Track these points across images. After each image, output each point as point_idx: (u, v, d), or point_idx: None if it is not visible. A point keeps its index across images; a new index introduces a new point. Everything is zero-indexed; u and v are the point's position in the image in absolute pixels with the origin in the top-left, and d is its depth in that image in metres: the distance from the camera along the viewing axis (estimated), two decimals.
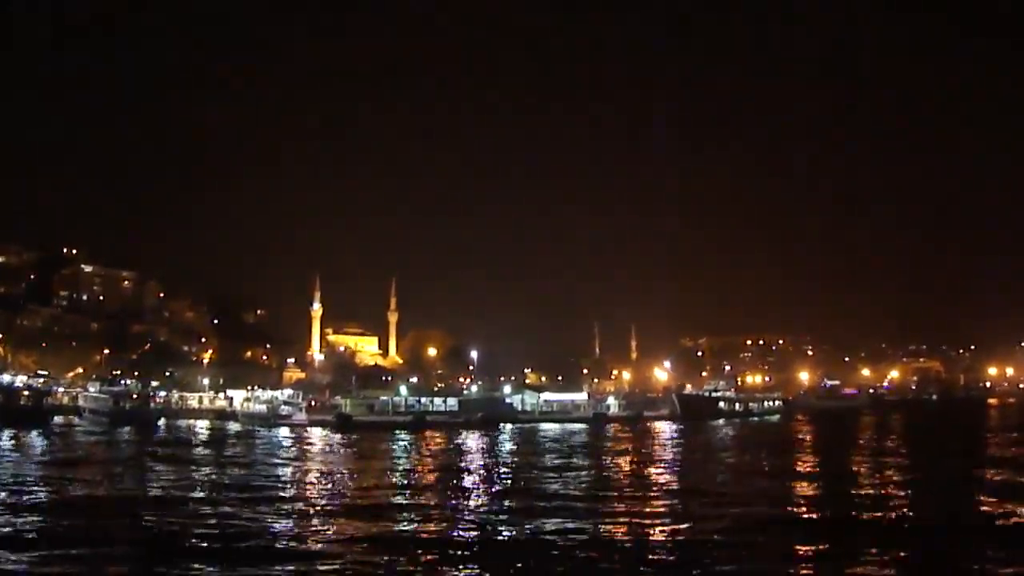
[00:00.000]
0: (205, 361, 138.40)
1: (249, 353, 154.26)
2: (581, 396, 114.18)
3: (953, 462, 46.13)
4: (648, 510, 27.90)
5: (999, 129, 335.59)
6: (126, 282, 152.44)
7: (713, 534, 22.98)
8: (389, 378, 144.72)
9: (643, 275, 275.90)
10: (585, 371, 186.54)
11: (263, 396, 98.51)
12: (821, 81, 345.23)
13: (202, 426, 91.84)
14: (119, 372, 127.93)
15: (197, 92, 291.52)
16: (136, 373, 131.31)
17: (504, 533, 24.19)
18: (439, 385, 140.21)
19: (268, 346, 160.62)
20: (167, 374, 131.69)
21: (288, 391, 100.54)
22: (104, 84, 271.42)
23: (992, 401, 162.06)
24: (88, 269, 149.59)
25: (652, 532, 23.89)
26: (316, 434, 77.84)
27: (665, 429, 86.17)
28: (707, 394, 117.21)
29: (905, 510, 28.52)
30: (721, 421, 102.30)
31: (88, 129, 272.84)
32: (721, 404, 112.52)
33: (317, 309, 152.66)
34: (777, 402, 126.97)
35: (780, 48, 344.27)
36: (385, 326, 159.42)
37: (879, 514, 27.06)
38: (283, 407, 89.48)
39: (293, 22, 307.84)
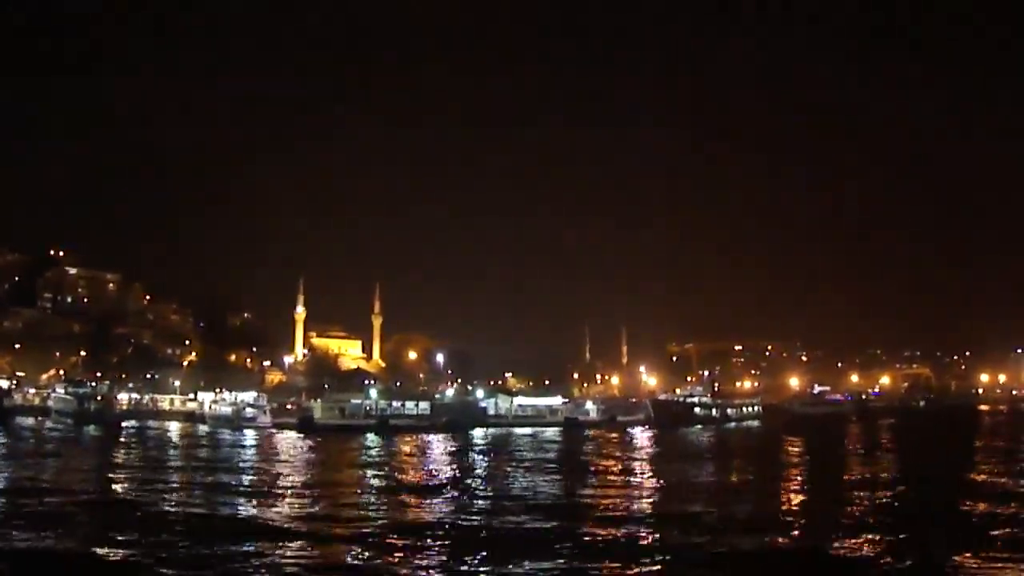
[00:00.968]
0: (186, 364, 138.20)
1: (234, 356, 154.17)
2: (555, 401, 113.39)
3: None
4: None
5: (994, 135, 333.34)
6: (111, 284, 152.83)
7: None
8: (371, 381, 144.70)
9: (636, 280, 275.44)
10: (576, 375, 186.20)
11: (228, 399, 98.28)
12: (815, 83, 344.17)
13: (173, 428, 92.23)
14: (100, 374, 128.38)
15: (183, 96, 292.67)
16: (119, 375, 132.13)
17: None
18: (425, 388, 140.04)
19: (254, 349, 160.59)
20: (147, 376, 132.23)
21: (253, 394, 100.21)
22: (91, 85, 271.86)
23: (983, 408, 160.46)
24: (73, 271, 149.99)
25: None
26: (279, 437, 78.01)
27: (638, 435, 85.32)
28: (682, 400, 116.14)
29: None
30: (697, 427, 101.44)
31: (74, 130, 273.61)
32: (696, 410, 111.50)
33: (301, 312, 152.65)
34: (756, 408, 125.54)
35: (770, 50, 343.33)
36: (370, 330, 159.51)
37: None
38: (247, 410, 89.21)
39: (280, 28, 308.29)
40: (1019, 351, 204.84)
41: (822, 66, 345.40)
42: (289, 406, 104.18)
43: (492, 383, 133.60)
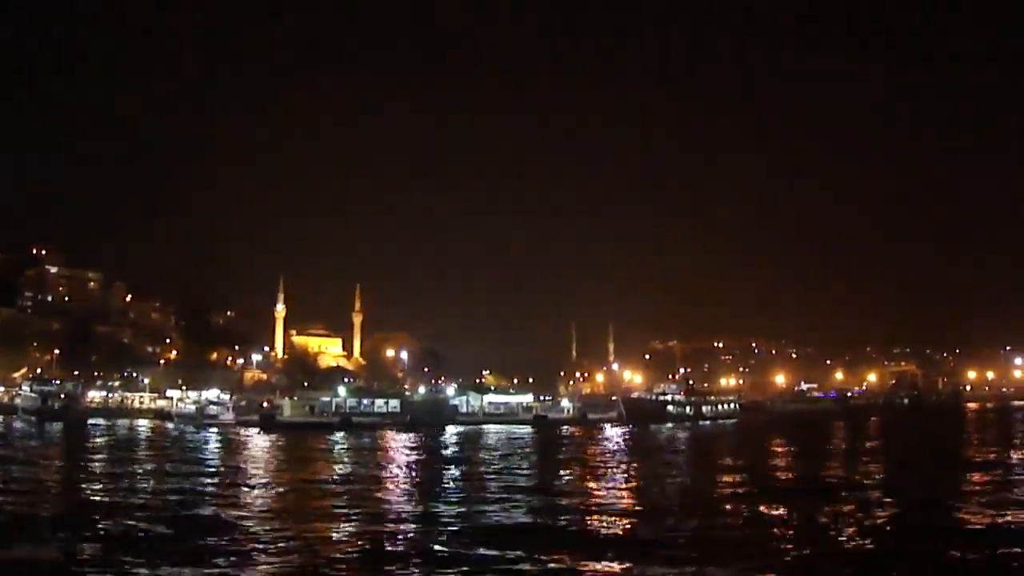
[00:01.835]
0: (162, 362, 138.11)
1: (216, 355, 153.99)
2: (526, 398, 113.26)
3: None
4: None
5: (987, 134, 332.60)
6: (92, 283, 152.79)
7: None
8: (351, 380, 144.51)
9: (624, 279, 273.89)
10: (562, 373, 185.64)
11: (193, 397, 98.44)
12: (805, 83, 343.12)
13: (141, 426, 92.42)
14: (77, 372, 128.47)
15: (164, 94, 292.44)
16: (96, 373, 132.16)
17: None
18: (405, 387, 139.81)
19: (237, 347, 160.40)
20: (124, 374, 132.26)
21: (216, 392, 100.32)
22: (74, 85, 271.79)
23: (971, 405, 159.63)
24: (54, 270, 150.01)
25: None
26: (237, 434, 78.17)
27: (606, 433, 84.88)
28: (654, 398, 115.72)
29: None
30: (669, 425, 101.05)
31: (57, 129, 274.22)
32: (670, 408, 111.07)
33: (281, 310, 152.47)
34: (733, 406, 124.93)
35: (760, 50, 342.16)
36: (350, 328, 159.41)
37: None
38: (210, 407, 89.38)
39: (267, 29, 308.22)
40: (1008, 349, 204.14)
41: (809, 64, 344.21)
42: (264, 404, 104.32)
43: (474, 381, 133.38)
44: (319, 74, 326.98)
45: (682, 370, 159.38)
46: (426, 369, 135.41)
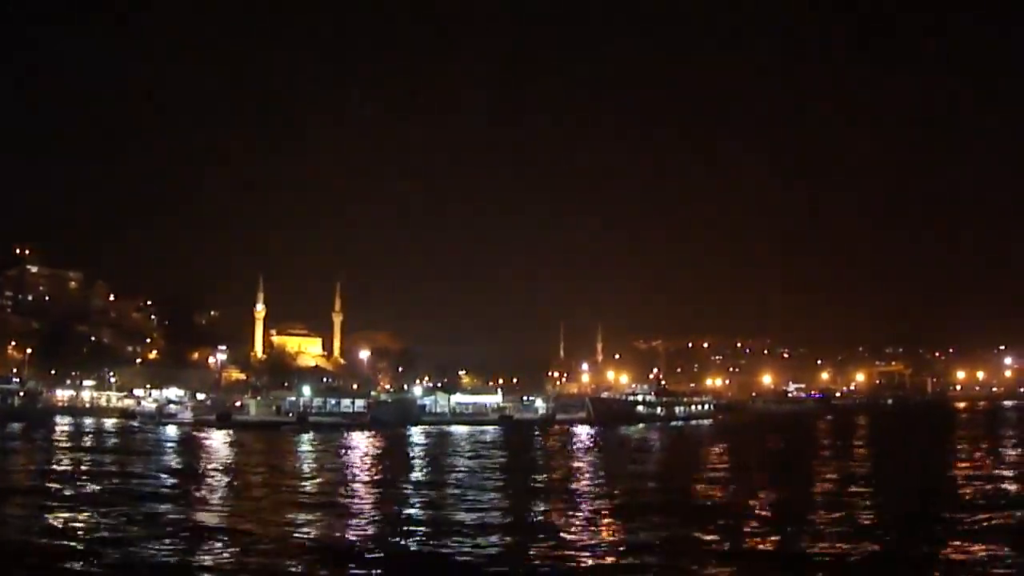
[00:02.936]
0: (139, 361, 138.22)
1: (197, 354, 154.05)
2: (495, 398, 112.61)
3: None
4: None
5: (979, 135, 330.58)
6: (73, 283, 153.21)
7: None
8: (329, 379, 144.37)
9: (614, 279, 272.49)
10: (549, 373, 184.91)
11: (153, 395, 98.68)
12: (795, 82, 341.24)
13: (107, 424, 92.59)
14: (53, 372, 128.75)
15: (147, 95, 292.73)
16: (71, 372, 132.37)
17: None
18: (388, 387, 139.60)
19: (220, 347, 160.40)
20: (100, 374, 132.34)
21: (175, 390, 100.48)
22: (56, 84, 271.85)
23: (960, 405, 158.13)
24: (34, 270, 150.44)
25: None
26: (195, 432, 78.10)
27: (580, 433, 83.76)
28: (623, 398, 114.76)
29: None
30: (639, 426, 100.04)
31: (39, 129, 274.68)
32: (639, 408, 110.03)
33: (261, 310, 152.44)
34: (708, 406, 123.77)
35: (744, 49, 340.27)
36: (331, 327, 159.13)
37: None
38: (169, 406, 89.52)
39: (251, 28, 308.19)
40: (1002, 348, 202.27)
41: (796, 65, 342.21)
42: (237, 404, 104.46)
43: (445, 381, 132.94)
44: (299, 73, 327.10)
45: (656, 370, 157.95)
46: (400, 369, 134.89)
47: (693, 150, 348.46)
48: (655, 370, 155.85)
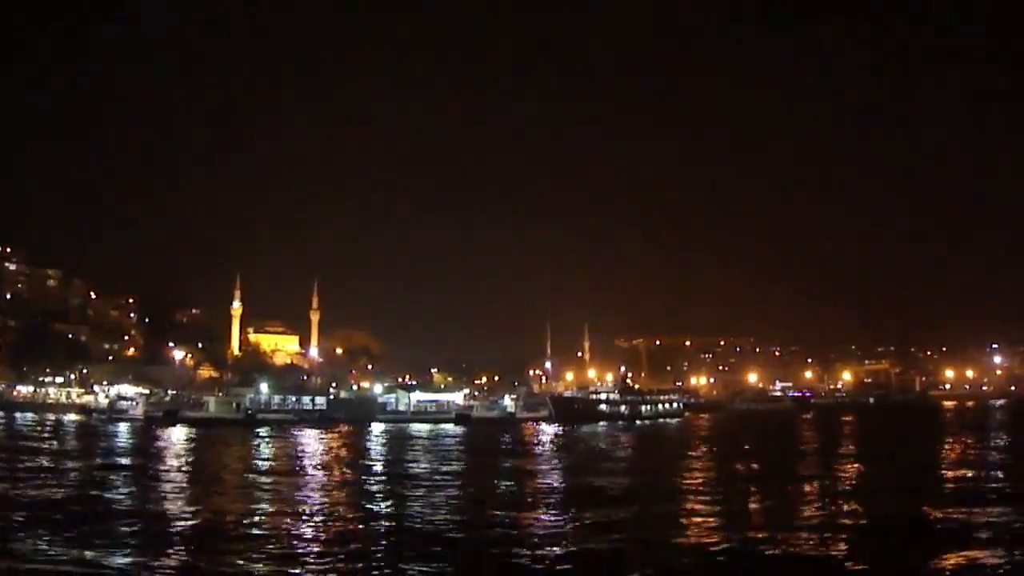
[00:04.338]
0: (111, 358, 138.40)
1: (175, 352, 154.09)
2: (455, 397, 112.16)
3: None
4: None
5: (970, 136, 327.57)
6: (52, 281, 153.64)
7: None
8: (305, 377, 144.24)
9: (602, 278, 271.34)
10: (534, 372, 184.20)
11: (106, 391, 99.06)
12: (775, 84, 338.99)
13: (67, 420, 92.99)
14: (26, 368, 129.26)
15: (124, 96, 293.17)
16: (44, 370, 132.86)
17: None
18: (356, 385, 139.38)
19: (200, 345, 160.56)
20: (73, 371, 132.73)
21: (126, 387, 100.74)
22: (35, 83, 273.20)
23: (948, 404, 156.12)
24: (12, 267, 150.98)
25: None
26: (141, 428, 78.21)
27: (545, 431, 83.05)
28: (585, 396, 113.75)
29: None
30: (602, 424, 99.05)
31: (18, 127, 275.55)
32: (602, 407, 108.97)
33: (237, 308, 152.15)
34: (676, 404, 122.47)
35: (727, 51, 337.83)
36: (308, 325, 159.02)
37: None
38: (119, 402, 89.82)
39: (228, 25, 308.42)
40: (995, 347, 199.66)
41: (781, 66, 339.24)
42: (204, 400, 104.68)
43: (406, 378, 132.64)
44: (279, 74, 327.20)
45: (623, 368, 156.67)
46: (371, 367, 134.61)
47: (681, 150, 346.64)
48: (622, 368, 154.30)
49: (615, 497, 30.48)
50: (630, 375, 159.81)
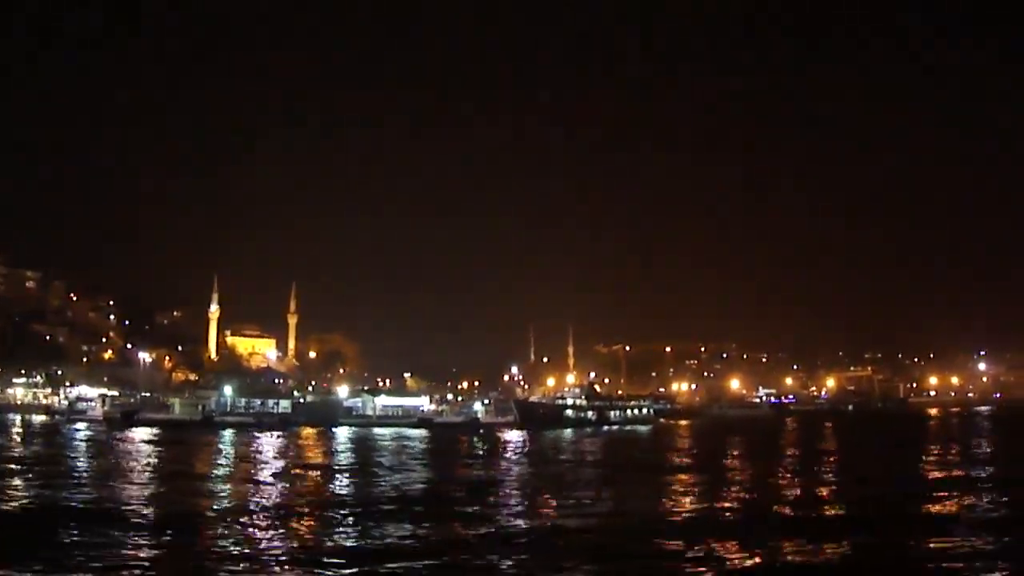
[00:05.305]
0: (85, 360, 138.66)
1: (154, 354, 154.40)
2: (418, 401, 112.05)
3: None
4: None
5: (962, 140, 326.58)
6: (30, 282, 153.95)
7: None
8: (279, 380, 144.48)
9: (586, 282, 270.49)
10: (515, 378, 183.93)
11: (65, 393, 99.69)
12: (761, 87, 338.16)
13: (34, 420, 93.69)
14: (2, 370, 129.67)
15: (104, 97, 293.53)
16: (19, 371, 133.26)
17: None
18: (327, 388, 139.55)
19: (180, 348, 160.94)
20: (48, 373, 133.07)
21: (84, 389, 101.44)
22: (14, 83, 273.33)
23: (933, 411, 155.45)
24: None
25: None
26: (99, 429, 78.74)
27: (508, 436, 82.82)
28: (550, 402, 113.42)
29: None
30: (568, 431, 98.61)
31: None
32: (568, 412, 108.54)
33: (215, 311, 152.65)
34: (647, 410, 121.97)
35: (710, 56, 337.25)
36: (286, 329, 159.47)
37: None
38: (79, 403, 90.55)
39: (209, 30, 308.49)
40: (983, 354, 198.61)
41: (766, 69, 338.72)
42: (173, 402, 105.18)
43: (372, 383, 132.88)
44: (257, 80, 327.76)
45: (592, 374, 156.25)
46: (343, 371, 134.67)
47: (669, 163, 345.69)
48: (591, 374, 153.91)
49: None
50: (607, 381, 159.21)
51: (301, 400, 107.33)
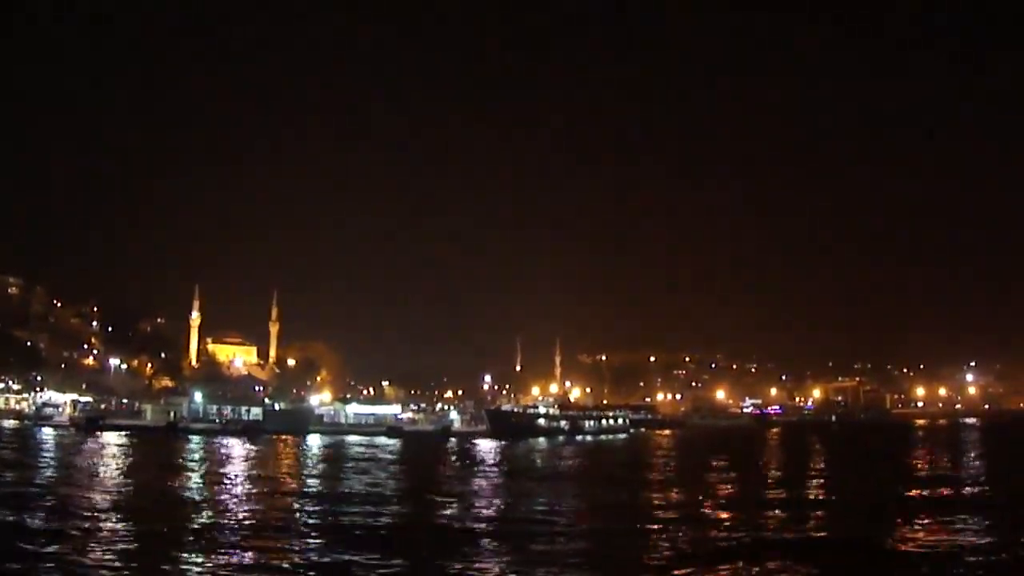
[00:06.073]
0: (64, 366, 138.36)
1: (136, 361, 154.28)
2: (389, 409, 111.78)
3: None
4: None
5: (953, 144, 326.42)
6: (12, 288, 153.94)
7: None
8: (262, 388, 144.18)
9: (573, 293, 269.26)
10: (507, 386, 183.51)
11: (33, 399, 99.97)
12: (747, 93, 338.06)
13: (7, 425, 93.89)
14: None
15: (90, 103, 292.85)
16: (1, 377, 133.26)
17: None
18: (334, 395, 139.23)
19: (163, 355, 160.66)
20: (27, 379, 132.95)
21: (50, 394, 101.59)
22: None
23: (920, 422, 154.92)
24: None
25: None
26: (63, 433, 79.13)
27: (480, 445, 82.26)
28: (522, 411, 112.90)
29: None
30: (541, 440, 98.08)
31: None
32: (540, 421, 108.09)
33: (196, 318, 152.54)
34: (622, 420, 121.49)
35: (696, 63, 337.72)
36: (267, 337, 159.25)
37: None
38: (45, 408, 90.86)
39: (196, 39, 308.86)
40: (972, 364, 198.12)
41: (751, 75, 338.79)
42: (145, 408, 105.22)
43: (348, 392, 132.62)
44: (242, 86, 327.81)
45: (567, 383, 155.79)
46: (319, 378, 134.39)
47: (666, 176, 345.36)
48: (567, 383, 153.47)
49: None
50: (588, 390, 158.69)
51: (274, 407, 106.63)
